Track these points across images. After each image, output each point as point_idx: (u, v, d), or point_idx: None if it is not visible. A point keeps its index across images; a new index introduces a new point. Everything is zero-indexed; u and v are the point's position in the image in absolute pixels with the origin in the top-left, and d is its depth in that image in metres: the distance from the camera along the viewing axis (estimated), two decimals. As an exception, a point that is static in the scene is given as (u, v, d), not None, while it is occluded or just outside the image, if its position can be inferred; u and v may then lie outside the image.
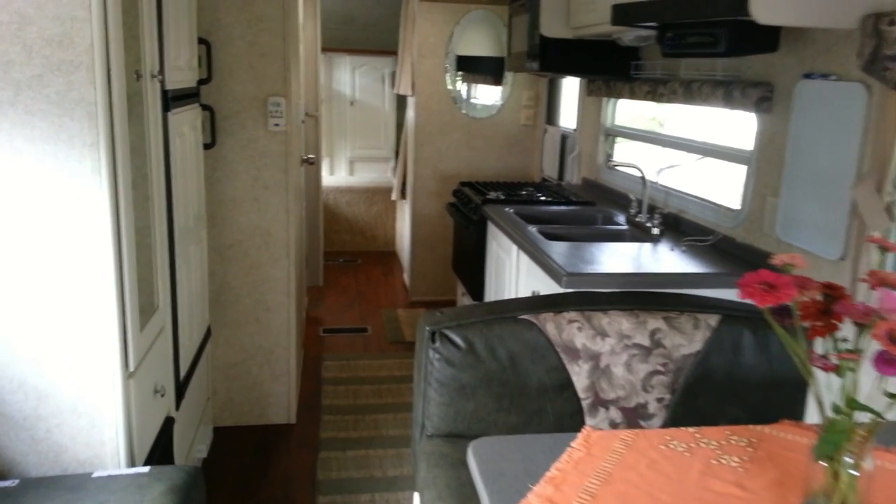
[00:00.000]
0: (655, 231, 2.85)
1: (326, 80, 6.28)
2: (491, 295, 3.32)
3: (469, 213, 3.56)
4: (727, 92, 2.47)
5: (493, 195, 3.57)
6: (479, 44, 4.87)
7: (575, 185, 4.10)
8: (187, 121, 2.57)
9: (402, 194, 5.50)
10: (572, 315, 2.05)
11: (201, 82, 2.84)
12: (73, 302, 1.78)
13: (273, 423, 3.26)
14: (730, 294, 2.30)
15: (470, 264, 3.62)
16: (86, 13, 1.69)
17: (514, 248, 2.87)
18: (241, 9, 2.88)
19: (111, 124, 1.77)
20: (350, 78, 6.40)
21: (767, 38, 2.16)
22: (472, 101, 4.96)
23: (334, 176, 6.52)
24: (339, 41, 6.37)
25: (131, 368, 1.88)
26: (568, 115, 4.53)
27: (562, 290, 2.26)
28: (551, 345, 1.89)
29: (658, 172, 2.97)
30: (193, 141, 2.69)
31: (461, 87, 4.93)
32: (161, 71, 2.20)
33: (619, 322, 1.92)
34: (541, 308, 2.13)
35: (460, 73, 4.86)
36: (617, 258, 2.50)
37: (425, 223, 4.97)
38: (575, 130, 4.20)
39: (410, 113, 5.09)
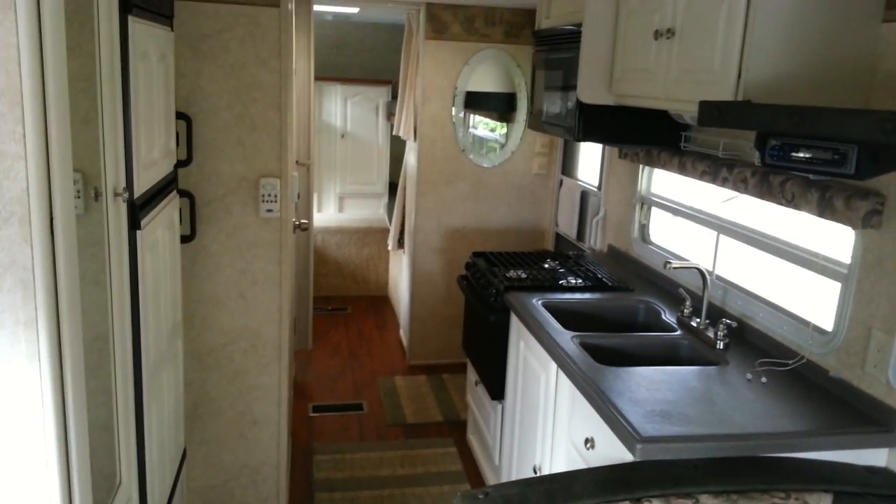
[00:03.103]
0: (720, 345, 2.41)
1: (315, 110, 5.77)
2: (516, 401, 2.86)
3: (487, 297, 3.09)
4: (824, 198, 2.03)
5: (513, 275, 3.11)
6: (488, 81, 4.42)
7: (599, 252, 3.66)
8: (162, 223, 2.07)
9: (400, 243, 5.02)
10: (655, 505, 1.62)
11: (179, 164, 2.34)
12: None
13: (260, 551, 2.78)
14: (837, 455, 1.88)
15: (487, 355, 3.16)
16: (18, 147, 1.20)
17: (553, 365, 2.41)
18: (227, 75, 2.39)
19: (55, 292, 1.28)
20: (341, 108, 5.90)
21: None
22: (479, 139, 4.50)
23: (322, 213, 6.01)
24: (331, 68, 5.87)
25: None
26: (587, 165, 4.09)
27: (633, 458, 1.81)
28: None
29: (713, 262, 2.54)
30: (169, 242, 2.19)
31: (470, 131, 4.47)
32: (128, 184, 1.71)
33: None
34: (614, 491, 1.69)
35: (468, 109, 4.41)
36: (690, 400, 2.05)
37: (426, 282, 4.49)
38: (598, 189, 3.75)
39: (411, 159, 4.61)
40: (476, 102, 4.45)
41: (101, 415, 1.71)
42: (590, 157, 4.00)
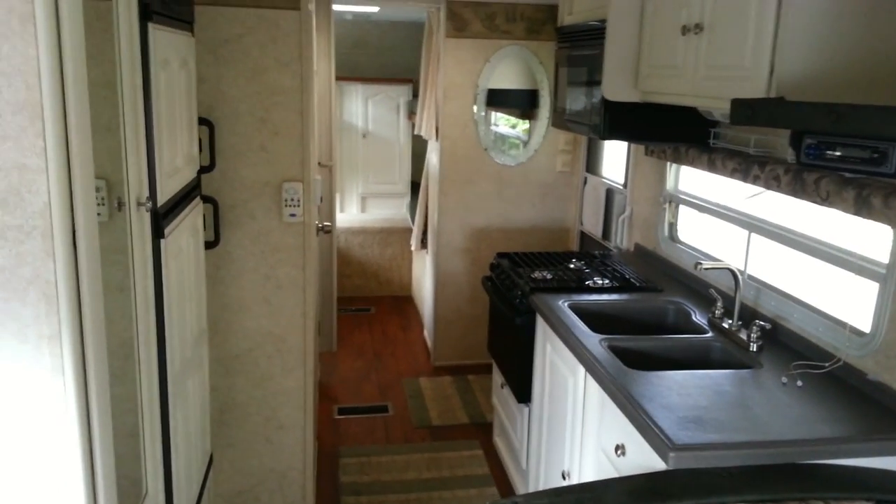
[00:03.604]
0: (753, 347, 2.35)
1: (337, 111, 5.76)
2: (543, 405, 2.82)
3: (512, 298, 3.05)
4: (861, 197, 1.96)
5: (538, 276, 3.07)
6: (510, 78, 4.37)
7: (626, 251, 3.61)
8: (186, 230, 2.07)
9: (423, 244, 4.99)
10: (690, 515, 1.58)
11: (202, 170, 2.34)
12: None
13: (287, 557, 2.77)
14: (877, 461, 1.82)
15: (513, 357, 3.12)
16: (39, 161, 1.19)
17: (581, 369, 2.37)
18: (249, 80, 2.37)
19: (78, 306, 1.27)
20: (363, 108, 5.88)
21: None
22: (501, 136, 4.46)
23: (345, 213, 6.01)
24: (351, 67, 5.86)
25: None
26: (612, 162, 4.03)
27: (665, 466, 1.76)
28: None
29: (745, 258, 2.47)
30: (193, 248, 2.18)
31: (492, 129, 4.43)
32: (151, 193, 1.70)
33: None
34: (646, 501, 1.65)
35: (489, 107, 4.36)
36: (723, 405, 1.99)
37: (450, 282, 4.46)
38: (624, 186, 3.69)
39: (433, 158, 4.58)
40: (498, 100, 4.40)
41: (128, 422, 1.70)
42: (615, 155, 3.94)
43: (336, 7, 4.66)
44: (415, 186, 5.81)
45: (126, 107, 1.59)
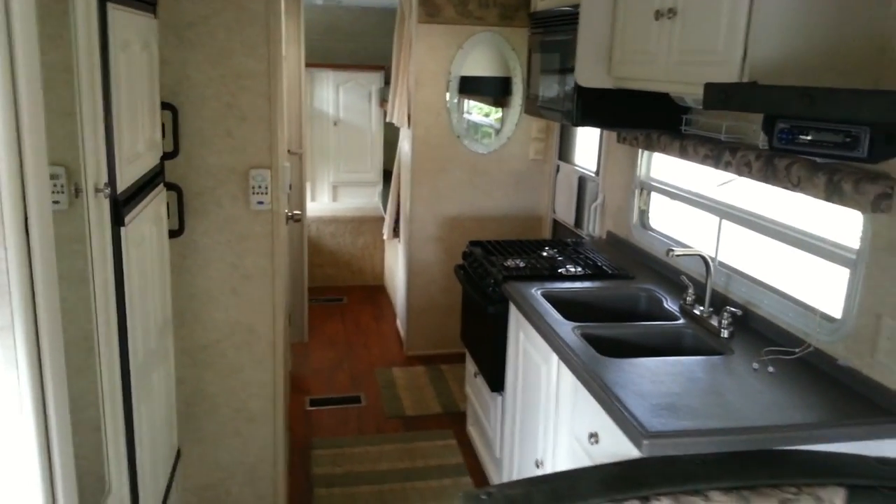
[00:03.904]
0: (724, 333, 2.35)
1: (307, 98, 5.67)
2: (516, 393, 2.80)
3: (485, 287, 3.03)
4: (832, 182, 1.96)
5: (511, 264, 3.04)
6: (483, 65, 4.33)
7: (598, 239, 3.60)
8: (148, 218, 2.00)
9: (395, 233, 4.95)
10: (664, 503, 1.58)
11: (166, 156, 2.27)
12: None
13: (257, 551, 2.73)
14: (848, 446, 1.83)
15: (486, 346, 3.10)
16: (-15, 143, 1.12)
17: (555, 357, 2.35)
18: (214, 63, 2.30)
19: (31, 296, 1.21)
20: (334, 96, 5.80)
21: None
22: (474, 125, 4.42)
23: (316, 202, 5.93)
24: (322, 53, 5.76)
25: None
26: (584, 150, 4.02)
27: (639, 454, 1.75)
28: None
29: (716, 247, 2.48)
30: (156, 237, 2.12)
31: (464, 117, 4.39)
32: (110, 179, 1.63)
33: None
34: (621, 489, 1.63)
35: (462, 94, 4.32)
36: (696, 391, 1.99)
37: (423, 271, 4.43)
38: (596, 174, 3.68)
39: (405, 146, 4.53)
40: (470, 87, 4.36)
41: (91, 416, 1.65)
42: (587, 142, 3.93)
43: (305, -8, 4.58)
44: (387, 175, 5.76)
45: (83, 89, 1.53)
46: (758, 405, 1.92)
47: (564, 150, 4.25)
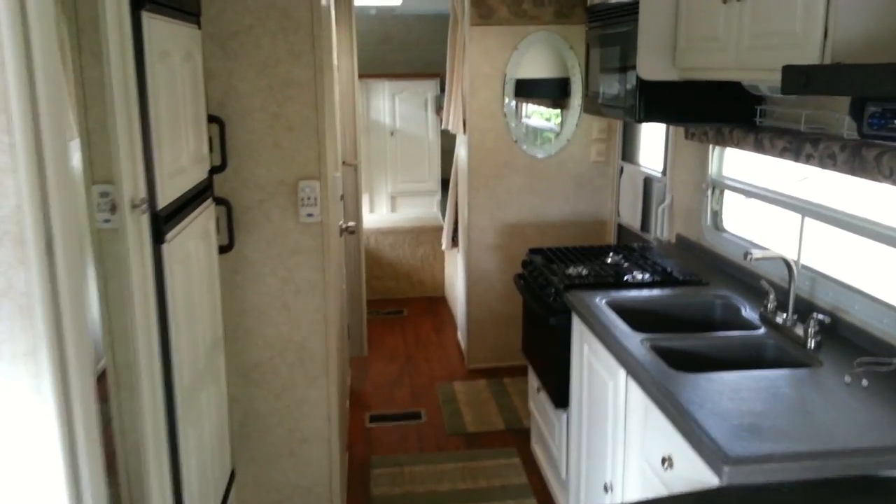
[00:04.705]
0: (811, 344, 2.14)
1: (363, 109, 5.64)
2: (582, 410, 2.64)
3: (546, 297, 2.88)
4: (932, 174, 1.75)
5: (573, 272, 2.89)
6: (539, 66, 4.19)
7: (667, 243, 3.40)
8: (195, 234, 1.95)
9: (454, 242, 4.84)
10: (750, 538, 1.41)
11: (214, 170, 2.22)
12: None
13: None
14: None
15: (548, 360, 2.95)
16: (5, 159, 1.06)
17: (622, 372, 2.19)
18: (260, 73, 2.25)
19: (56, 320, 1.14)
20: (390, 105, 5.75)
21: None
22: (532, 129, 4.28)
23: (375, 214, 5.89)
24: (376, 64, 5.73)
25: None
26: (649, 149, 3.83)
27: (718, 482, 1.58)
28: None
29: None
30: (204, 253, 2.06)
31: (523, 121, 4.26)
32: (150, 194, 1.57)
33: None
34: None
35: (518, 97, 4.18)
36: (782, 410, 1.80)
37: (482, 280, 4.30)
38: (663, 174, 3.49)
39: (462, 153, 4.43)
40: (527, 90, 4.23)
41: (137, 439, 1.59)
42: (652, 141, 3.74)
43: (358, 2, 4.54)
44: (445, 184, 5.67)
45: (117, 101, 1.47)
46: (853, 424, 1.72)
47: (628, 151, 4.07)
